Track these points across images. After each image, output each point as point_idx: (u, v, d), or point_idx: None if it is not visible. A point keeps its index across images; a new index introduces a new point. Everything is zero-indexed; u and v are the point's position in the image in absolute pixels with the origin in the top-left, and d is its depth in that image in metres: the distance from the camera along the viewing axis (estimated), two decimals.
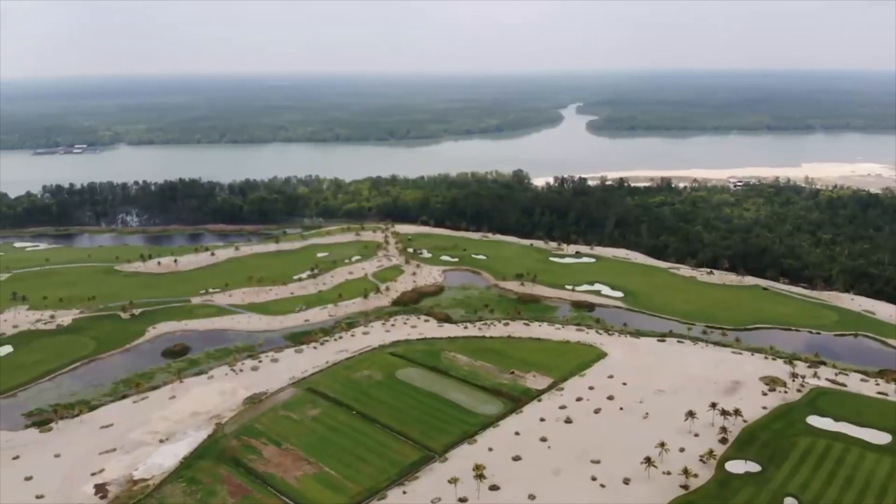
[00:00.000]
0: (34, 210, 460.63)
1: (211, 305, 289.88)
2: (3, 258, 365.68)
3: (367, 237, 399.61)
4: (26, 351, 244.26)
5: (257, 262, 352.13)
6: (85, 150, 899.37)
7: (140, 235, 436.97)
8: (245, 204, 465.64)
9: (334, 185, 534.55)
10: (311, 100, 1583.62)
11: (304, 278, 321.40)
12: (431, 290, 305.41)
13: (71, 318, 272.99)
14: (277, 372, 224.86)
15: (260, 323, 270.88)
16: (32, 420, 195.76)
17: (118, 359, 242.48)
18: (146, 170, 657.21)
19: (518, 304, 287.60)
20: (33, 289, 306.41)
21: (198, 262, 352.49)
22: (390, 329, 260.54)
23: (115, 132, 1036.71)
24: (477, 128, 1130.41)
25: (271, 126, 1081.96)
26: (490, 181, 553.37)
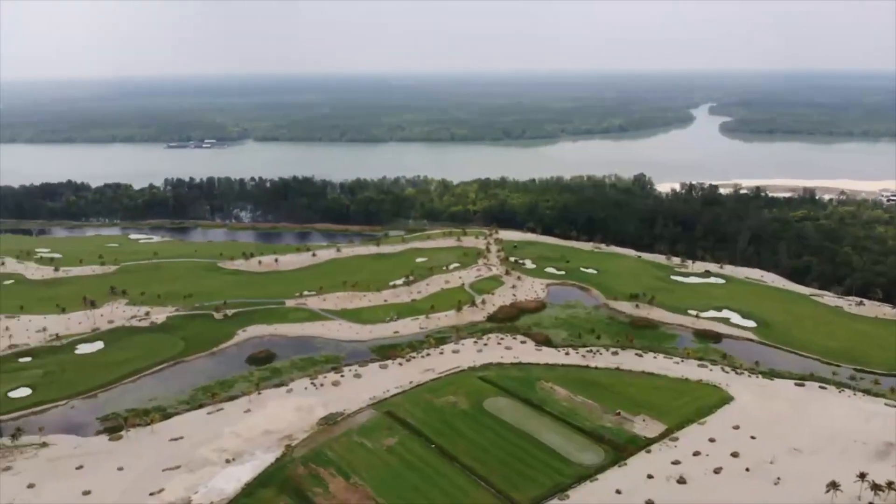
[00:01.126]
0: (154, 203, 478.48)
1: (304, 309, 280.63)
2: (117, 250, 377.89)
3: (469, 243, 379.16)
4: (116, 348, 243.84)
5: (356, 265, 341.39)
6: (213, 146, 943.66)
7: (250, 232, 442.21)
8: (352, 204, 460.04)
9: (441, 186, 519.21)
10: (432, 99, 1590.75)
11: (398, 285, 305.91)
12: (532, 306, 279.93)
13: (165, 316, 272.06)
14: (358, 389, 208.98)
15: (349, 331, 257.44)
16: (105, 426, 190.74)
17: (203, 362, 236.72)
18: (265, 166, 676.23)
19: (630, 330, 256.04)
20: (136, 283, 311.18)
21: (299, 263, 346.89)
22: (482, 349, 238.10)
23: (244, 128, 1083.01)
24: (598, 128, 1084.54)
25: (389, 125, 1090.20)
26: (607, 186, 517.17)
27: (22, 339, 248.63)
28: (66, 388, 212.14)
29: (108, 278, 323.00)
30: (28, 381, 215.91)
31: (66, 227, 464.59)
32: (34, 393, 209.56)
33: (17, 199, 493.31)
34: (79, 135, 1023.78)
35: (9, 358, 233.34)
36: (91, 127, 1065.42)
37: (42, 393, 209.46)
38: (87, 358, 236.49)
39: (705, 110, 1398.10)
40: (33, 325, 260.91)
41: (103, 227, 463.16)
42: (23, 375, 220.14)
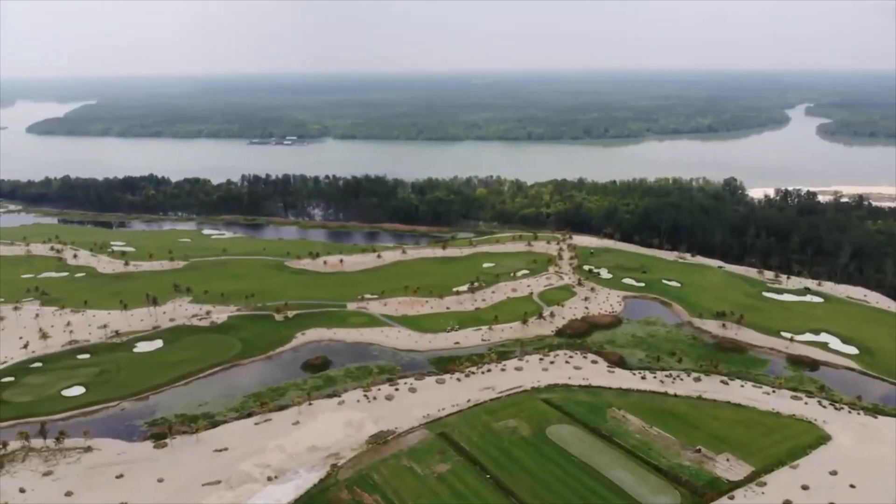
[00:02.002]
0: (229, 198, 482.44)
1: (364, 314, 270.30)
2: (188, 246, 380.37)
3: (540, 248, 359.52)
4: (174, 348, 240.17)
5: (420, 269, 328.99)
6: (294, 143, 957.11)
7: (321, 230, 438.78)
8: (421, 204, 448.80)
9: (514, 186, 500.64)
10: (511, 96, 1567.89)
11: (462, 291, 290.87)
12: (606, 321, 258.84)
13: (226, 316, 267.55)
14: (412, 405, 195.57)
15: (408, 340, 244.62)
16: (151, 431, 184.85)
17: (258, 366, 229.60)
18: (341, 164, 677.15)
19: (716, 353, 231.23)
20: (201, 280, 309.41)
21: (363, 264, 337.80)
22: (549, 367, 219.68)
23: (324, 126, 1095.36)
24: (686, 127, 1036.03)
25: (466, 124, 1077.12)
26: (694, 189, 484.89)
27: (83, 334, 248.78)
28: (119, 389, 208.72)
29: (176, 274, 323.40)
30: (83, 380, 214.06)
31: (144, 220, 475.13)
32: (87, 392, 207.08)
33: (99, 192, 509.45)
34: (166, 129, 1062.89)
35: (68, 354, 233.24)
36: (178, 122, 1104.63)
37: (94, 392, 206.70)
38: (144, 357, 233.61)
39: (801, 111, 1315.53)
40: (97, 320, 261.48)
41: (180, 221, 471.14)
42: (79, 373, 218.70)
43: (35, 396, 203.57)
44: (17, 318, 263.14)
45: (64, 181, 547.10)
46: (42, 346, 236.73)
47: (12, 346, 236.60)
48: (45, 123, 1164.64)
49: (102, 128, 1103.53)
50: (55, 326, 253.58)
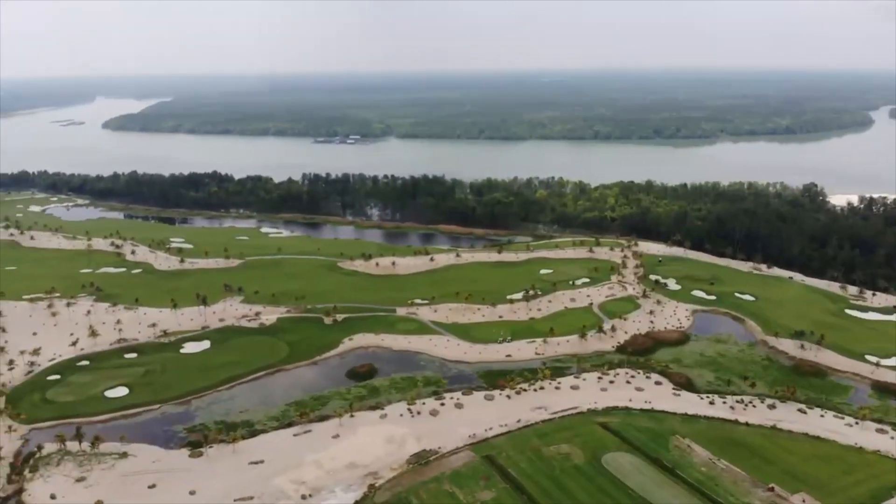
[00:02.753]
0: (289, 197, 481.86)
1: (413, 320, 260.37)
2: (245, 244, 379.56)
3: (602, 255, 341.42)
4: (221, 350, 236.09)
5: (474, 273, 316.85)
6: (357, 142, 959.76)
7: (377, 230, 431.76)
8: (478, 205, 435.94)
9: (577, 188, 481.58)
10: (578, 95, 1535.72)
11: (517, 300, 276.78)
12: (672, 337, 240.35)
13: (276, 318, 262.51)
14: (458, 423, 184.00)
15: (456, 350, 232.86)
16: (189, 439, 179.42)
17: (303, 372, 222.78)
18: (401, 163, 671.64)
19: (793, 377, 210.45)
20: (254, 280, 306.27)
21: (415, 267, 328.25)
22: (607, 387, 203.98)
23: (387, 125, 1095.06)
24: (762, 128, 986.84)
25: (530, 123, 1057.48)
26: (771, 195, 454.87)
27: (132, 333, 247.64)
28: (162, 392, 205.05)
29: (230, 273, 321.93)
30: (127, 380, 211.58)
31: (205, 217, 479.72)
32: (130, 394, 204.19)
33: (163, 188, 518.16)
34: (235, 127, 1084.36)
35: (115, 353, 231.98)
36: (247, 120, 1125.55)
37: (137, 394, 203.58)
38: (190, 358, 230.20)
39: (885, 113, 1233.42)
40: (147, 318, 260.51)
41: (240, 218, 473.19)
42: (124, 373, 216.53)
43: (78, 396, 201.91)
44: (70, 314, 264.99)
45: (131, 176, 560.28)
46: (91, 344, 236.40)
47: (62, 342, 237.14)
48: (120, 119, 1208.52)
49: (174, 124, 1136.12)
50: (106, 324, 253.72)
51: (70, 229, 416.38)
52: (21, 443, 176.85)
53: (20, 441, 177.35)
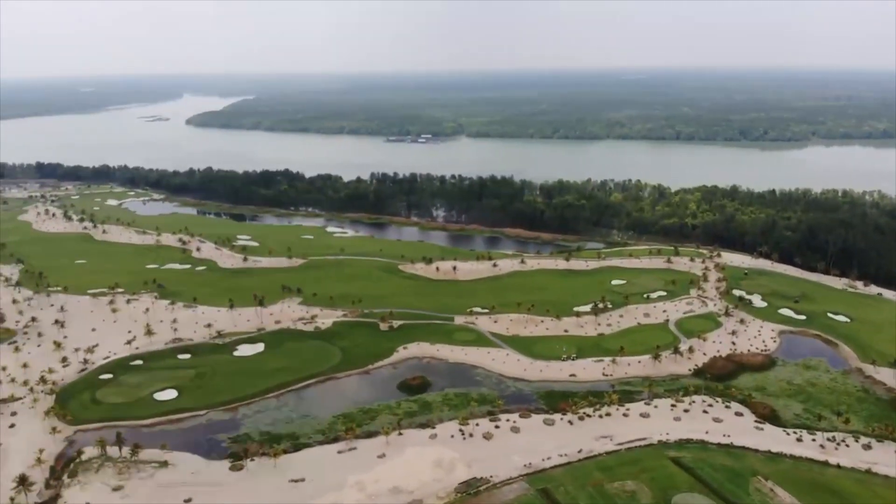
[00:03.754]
0: (355, 196, 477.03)
1: (472, 330, 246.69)
2: (309, 243, 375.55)
3: (681, 266, 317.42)
4: (275, 354, 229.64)
5: (539, 282, 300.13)
6: (428, 141, 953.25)
7: (441, 232, 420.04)
8: (547, 208, 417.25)
9: (656, 192, 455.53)
10: (659, 94, 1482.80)
11: (584, 312, 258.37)
12: (756, 361, 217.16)
13: (331, 321, 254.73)
14: (512, 449, 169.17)
15: (516, 366, 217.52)
16: (231, 450, 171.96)
17: (353, 382, 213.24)
18: (470, 163, 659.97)
19: (892, 413, 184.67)
20: (315, 280, 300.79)
21: (477, 272, 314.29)
22: (681, 416, 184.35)
23: (459, 124, 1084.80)
24: (858, 131, 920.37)
25: (607, 122, 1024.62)
26: (868, 205, 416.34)
27: (188, 332, 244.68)
28: (210, 396, 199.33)
29: (291, 272, 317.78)
30: (177, 382, 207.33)
31: (275, 215, 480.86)
32: (178, 397, 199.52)
33: (235, 185, 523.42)
34: (311, 125, 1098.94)
35: (168, 353, 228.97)
36: (323, 119, 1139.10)
37: (186, 398, 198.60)
38: (242, 362, 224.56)
39: None
40: (204, 318, 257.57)
41: (308, 217, 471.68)
42: (175, 375, 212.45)
43: (127, 398, 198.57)
44: (130, 311, 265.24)
45: (206, 173, 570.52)
46: (146, 343, 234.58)
47: (119, 340, 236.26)
48: (203, 116, 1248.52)
49: (254, 122, 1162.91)
50: (163, 322, 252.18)
51: (142, 224, 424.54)
52: (65, 445, 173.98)
53: (64, 443, 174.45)
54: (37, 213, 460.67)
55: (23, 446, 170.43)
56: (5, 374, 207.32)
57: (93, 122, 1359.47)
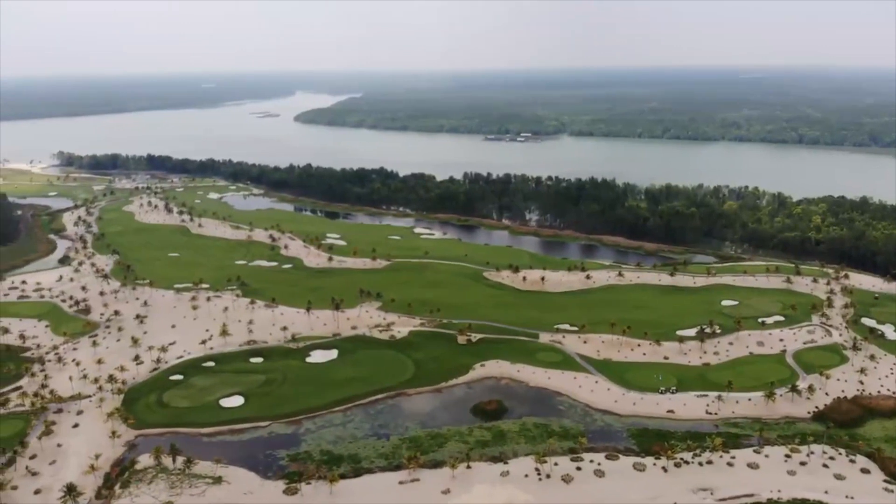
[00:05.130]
0: (446, 196, 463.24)
1: (557, 350, 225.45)
2: (395, 244, 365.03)
3: (802, 287, 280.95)
4: (347, 362, 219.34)
5: (637, 298, 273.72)
6: (528, 139, 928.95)
7: (532, 237, 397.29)
8: (652, 215, 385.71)
9: (775, 201, 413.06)
10: (779, 94, 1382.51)
11: (689, 337, 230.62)
12: (888, 405, 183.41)
13: (408, 331, 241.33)
14: (595, 496, 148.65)
15: (605, 396, 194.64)
16: (288, 469, 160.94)
17: (424, 401, 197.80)
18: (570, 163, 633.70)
19: None
20: (395, 284, 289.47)
21: (567, 284, 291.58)
22: (797, 469, 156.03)
23: (561, 122, 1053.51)
24: None
25: (722, 122, 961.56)
26: None
27: (263, 335, 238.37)
28: (275, 406, 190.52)
29: (373, 275, 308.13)
30: (245, 388, 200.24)
31: (366, 213, 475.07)
32: (244, 404, 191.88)
33: (331, 182, 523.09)
34: (412, 124, 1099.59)
35: (241, 356, 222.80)
36: (424, 117, 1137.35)
37: (251, 406, 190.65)
38: (313, 369, 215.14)
39: None
40: (281, 319, 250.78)
41: (398, 216, 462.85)
42: (244, 380, 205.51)
43: (193, 402, 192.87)
44: (210, 309, 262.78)
45: (304, 169, 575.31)
46: (221, 344, 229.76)
47: (195, 339, 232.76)
48: (310, 113, 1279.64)
49: (357, 120, 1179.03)
50: (241, 322, 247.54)
51: (238, 218, 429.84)
52: (124, 450, 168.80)
53: (123, 448, 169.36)
54: (140, 205, 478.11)
55: (82, 449, 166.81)
56: (79, 370, 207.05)
57: (208, 116, 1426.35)
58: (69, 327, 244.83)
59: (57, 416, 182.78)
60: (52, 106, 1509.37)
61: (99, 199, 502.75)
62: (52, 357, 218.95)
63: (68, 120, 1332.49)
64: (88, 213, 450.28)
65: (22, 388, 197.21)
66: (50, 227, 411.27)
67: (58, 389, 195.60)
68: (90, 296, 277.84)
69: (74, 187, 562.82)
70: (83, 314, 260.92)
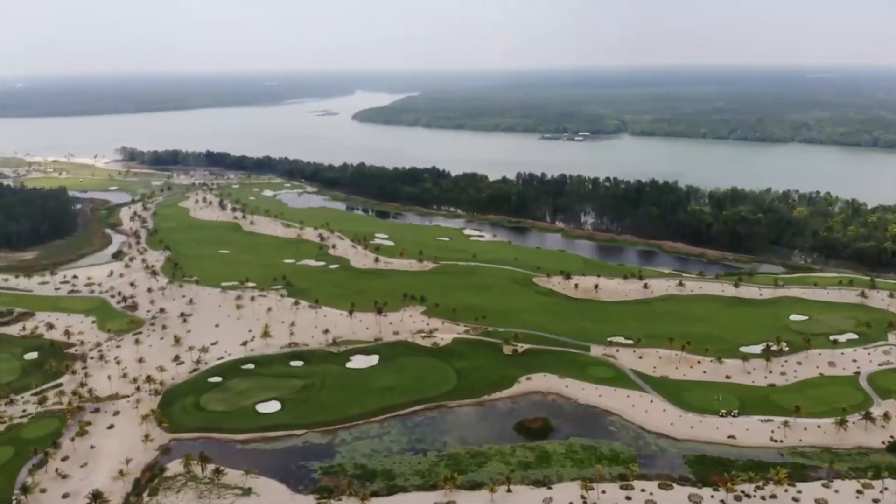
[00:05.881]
0: (498, 197, 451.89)
1: (609, 365, 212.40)
2: (443, 245, 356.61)
3: (878, 302, 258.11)
4: (387, 369, 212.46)
5: (699, 311, 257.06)
6: (586, 139, 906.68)
7: (587, 242, 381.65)
8: (716, 221, 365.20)
9: (849, 208, 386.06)
10: (853, 94, 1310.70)
11: (753, 355, 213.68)
12: None
13: (451, 338, 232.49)
14: None
15: (660, 418, 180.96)
16: (320, 483, 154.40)
17: (465, 414, 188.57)
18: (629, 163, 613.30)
19: None
20: (441, 288, 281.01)
21: (623, 293, 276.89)
22: None
23: (622, 121, 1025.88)
24: None
25: (792, 123, 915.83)
26: None
27: (304, 337, 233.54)
28: (312, 413, 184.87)
29: (419, 277, 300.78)
30: (283, 393, 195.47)
31: (417, 213, 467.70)
32: (281, 410, 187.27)
33: (382, 181, 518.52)
34: (468, 122, 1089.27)
35: (281, 359, 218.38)
36: (479, 115, 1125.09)
37: (287, 412, 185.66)
38: (352, 375, 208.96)
39: None
40: (323, 322, 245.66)
41: (448, 217, 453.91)
42: (282, 385, 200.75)
43: (229, 406, 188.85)
44: (254, 309, 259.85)
45: (357, 168, 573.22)
46: (262, 345, 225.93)
47: (236, 340, 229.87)
48: (368, 112, 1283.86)
49: (413, 118, 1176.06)
50: (283, 323, 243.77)
51: (289, 216, 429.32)
52: (156, 454, 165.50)
53: (156, 452, 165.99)
54: (195, 201, 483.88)
55: (115, 451, 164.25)
56: (119, 369, 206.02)
57: (269, 114, 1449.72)
58: (114, 324, 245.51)
59: (93, 415, 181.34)
60: (121, 102, 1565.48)
61: (156, 195, 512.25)
62: (95, 354, 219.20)
63: (134, 116, 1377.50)
64: (145, 208, 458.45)
65: (62, 386, 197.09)
66: (107, 222, 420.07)
67: (96, 388, 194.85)
68: (138, 292, 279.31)
69: (134, 182, 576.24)
70: (130, 310, 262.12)
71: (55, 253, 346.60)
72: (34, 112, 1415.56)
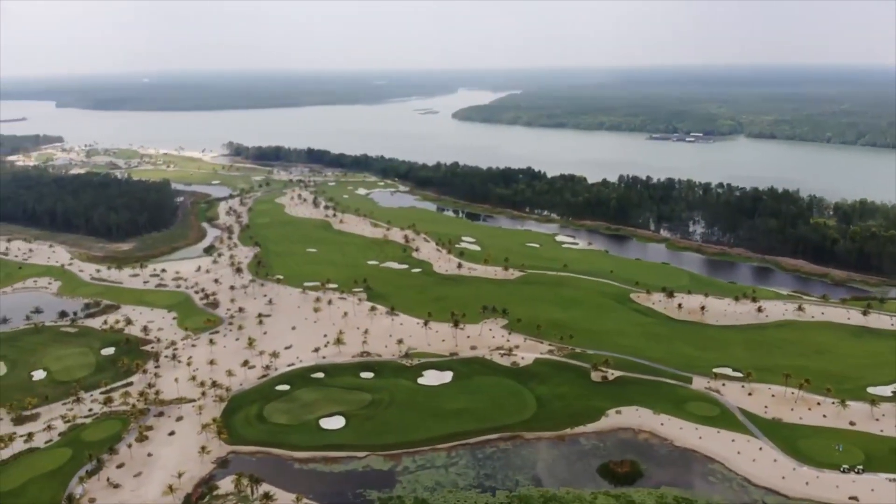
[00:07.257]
0: (596, 201, 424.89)
1: (713, 401, 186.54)
2: (532, 253, 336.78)
3: None
4: (461, 388, 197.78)
5: (821, 340, 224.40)
6: (698, 140, 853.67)
7: (694, 254, 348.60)
8: (841, 236, 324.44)
9: None
10: None
11: (883, 397, 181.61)
12: None
13: (533, 358, 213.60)
14: None
15: (770, 469, 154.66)
16: None
17: (543, 448, 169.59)
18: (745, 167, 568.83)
19: None
20: (526, 300, 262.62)
21: (734, 316, 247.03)
22: None
23: (738, 122, 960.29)
24: None
25: None
26: None
27: (378, 346, 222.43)
28: (377, 434, 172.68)
29: (502, 286, 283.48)
30: (349, 408, 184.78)
31: (508, 216, 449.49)
32: (345, 427, 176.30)
33: (474, 181, 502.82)
34: (569, 121, 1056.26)
35: (351, 368, 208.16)
36: (582, 113, 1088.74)
37: (351, 431, 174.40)
38: (423, 393, 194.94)
39: None
40: (398, 330, 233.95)
41: (541, 221, 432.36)
42: (349, 398, 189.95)
43: (292, 419, 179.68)
44: (331, 313, 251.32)
45: (450, 167, 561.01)
46: (334, 353, 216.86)
47: (310, 345, 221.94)
48: (467, 110, 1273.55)
49: (513, 116, 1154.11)
50: (358, 329, 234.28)
51: (379, 216, 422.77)
52: (212, 468, 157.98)
53: (212, 465, 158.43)
54: (291, 197, 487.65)
55: (171, 462, 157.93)
56: (189, 371, 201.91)
57: (373, 112, 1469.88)
58: (193, 321, 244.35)
59: (156, 419, 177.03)
60: (236, 98, 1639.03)
61: (255, 190, 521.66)
62: (169, 353, 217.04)
63: (246, 112, 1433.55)
64: (242, 203, 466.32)
65: (132, 386, 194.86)
66: (205, 216, 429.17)
67: (164, 391, 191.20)
68: (221, 289, 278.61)
69: (236, 177, 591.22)
70: (211, 308, 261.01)
71: (150, 245, 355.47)
72: (157, 106, 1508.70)
